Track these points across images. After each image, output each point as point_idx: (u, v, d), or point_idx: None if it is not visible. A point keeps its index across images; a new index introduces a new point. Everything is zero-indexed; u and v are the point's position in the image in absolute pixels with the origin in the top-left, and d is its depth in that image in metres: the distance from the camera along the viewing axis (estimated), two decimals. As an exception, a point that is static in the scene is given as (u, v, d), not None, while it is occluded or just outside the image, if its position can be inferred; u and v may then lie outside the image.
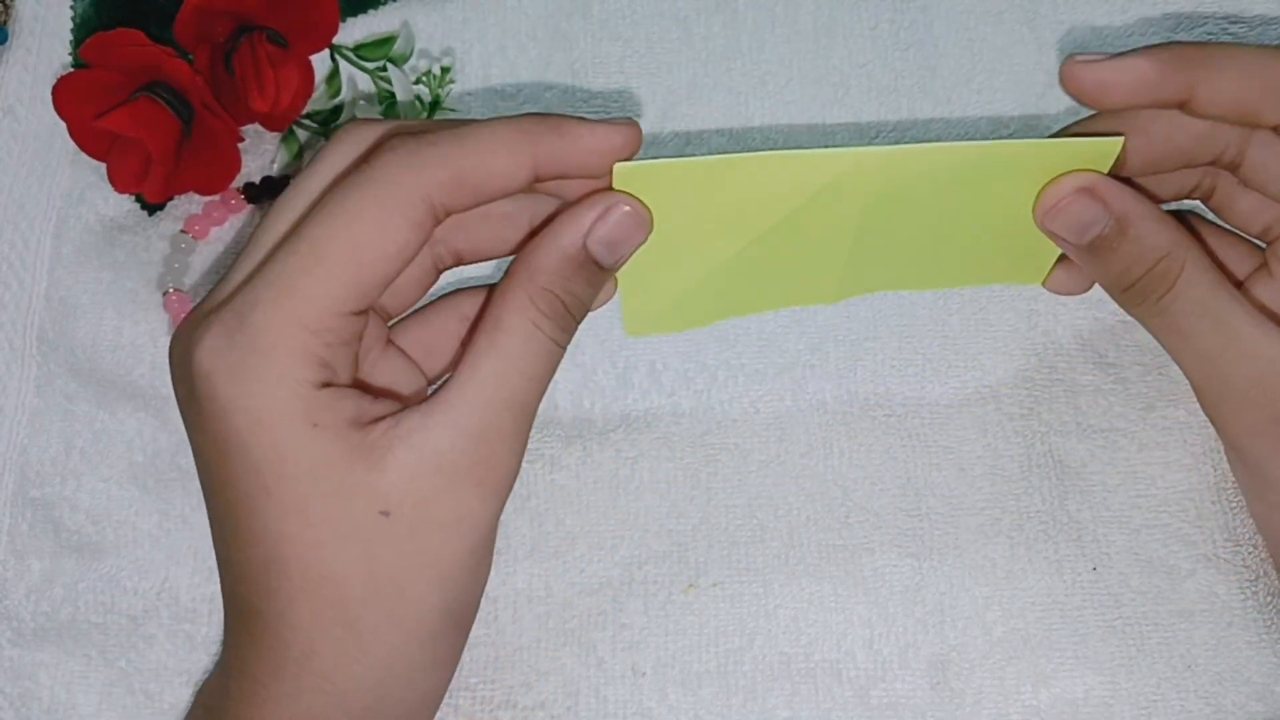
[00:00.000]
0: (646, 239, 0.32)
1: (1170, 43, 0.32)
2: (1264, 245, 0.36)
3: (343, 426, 0.29)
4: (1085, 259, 0.33)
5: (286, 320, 0.29)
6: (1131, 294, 0.33)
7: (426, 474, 0.30)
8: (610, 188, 0.31)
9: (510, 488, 0.31)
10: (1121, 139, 0.32)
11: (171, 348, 0.32)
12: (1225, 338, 0.32)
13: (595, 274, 0.31)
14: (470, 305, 0.35)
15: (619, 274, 0.33)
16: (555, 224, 0.31)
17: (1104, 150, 0.32)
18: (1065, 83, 0.32)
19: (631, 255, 0.32)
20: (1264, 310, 0.35)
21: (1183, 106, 0.32)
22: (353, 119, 0.31)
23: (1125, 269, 0.33)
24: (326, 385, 0.29)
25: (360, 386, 0.31)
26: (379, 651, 0.31)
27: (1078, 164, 0.32)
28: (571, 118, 0.30)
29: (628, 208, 0.31)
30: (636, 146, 0.31)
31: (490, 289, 0.34)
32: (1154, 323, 0.33)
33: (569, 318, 0.31)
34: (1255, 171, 0.34)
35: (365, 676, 0.31)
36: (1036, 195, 0.33)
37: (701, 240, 0.33)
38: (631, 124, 0.31)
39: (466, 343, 0.32)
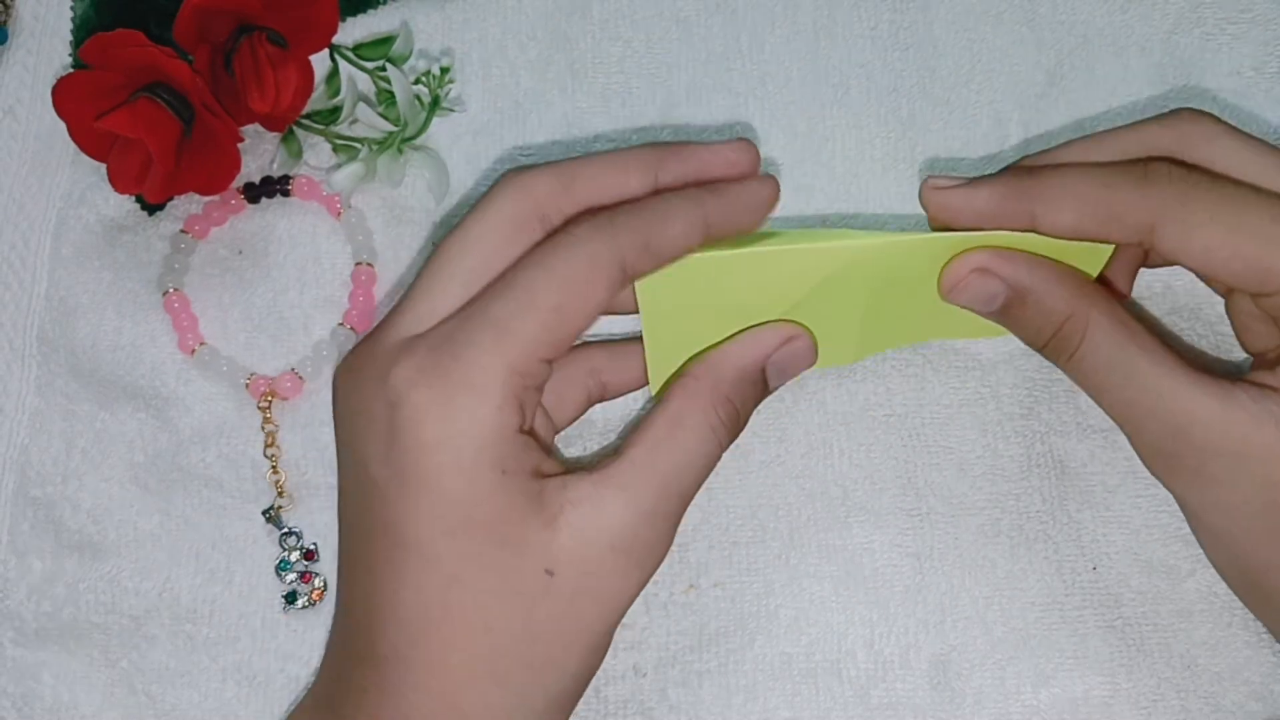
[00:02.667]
0: (809, 367, 0.35)
1: (1013, 169, 0.34)
2: None
3: (526, 476, 0.31)
4: (1000, 321, 0.35)
5: (500, 361, 0.30)
6: (1047, 351, 0.34)
7: (596, 544, 0.31)
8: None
9: (655, 572, 0.33)
10: (1111, 247, 0.34)
11: (349, 373, 0.32)
12: (1135, 391, 0.33)
13: (762, 392, 0.35)
14: (600, 359, 0.37)
15: (647, 350, 0.35)
16: (739, 342, 0.34)
17: (1095, 252, 0.34)
18: (922, 201, 0.34)
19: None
20: (1244, 322, 0.36)
21: (1032, 229, 0.33)
22: (515, 169, 0.33)
23: (1035, 331, 0.34)
24: (519, 431, 0.31)
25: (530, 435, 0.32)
26: (521, 712, 0.31)
27: (1068, 258, 0.34)
28: (734, 187, 0.33)
29: (806, 340, 0.35)
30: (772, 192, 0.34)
31: (611, 343, 0.38)
32: (1073, 376, 0.35)
33: (736, 427, 0.34)
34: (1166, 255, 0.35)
35: None
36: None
37: (722, 324, 0.35)
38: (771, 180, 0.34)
39: (594, 398, 0.37)
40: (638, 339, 0.35)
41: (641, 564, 0.32)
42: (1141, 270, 0.38)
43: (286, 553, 0.40)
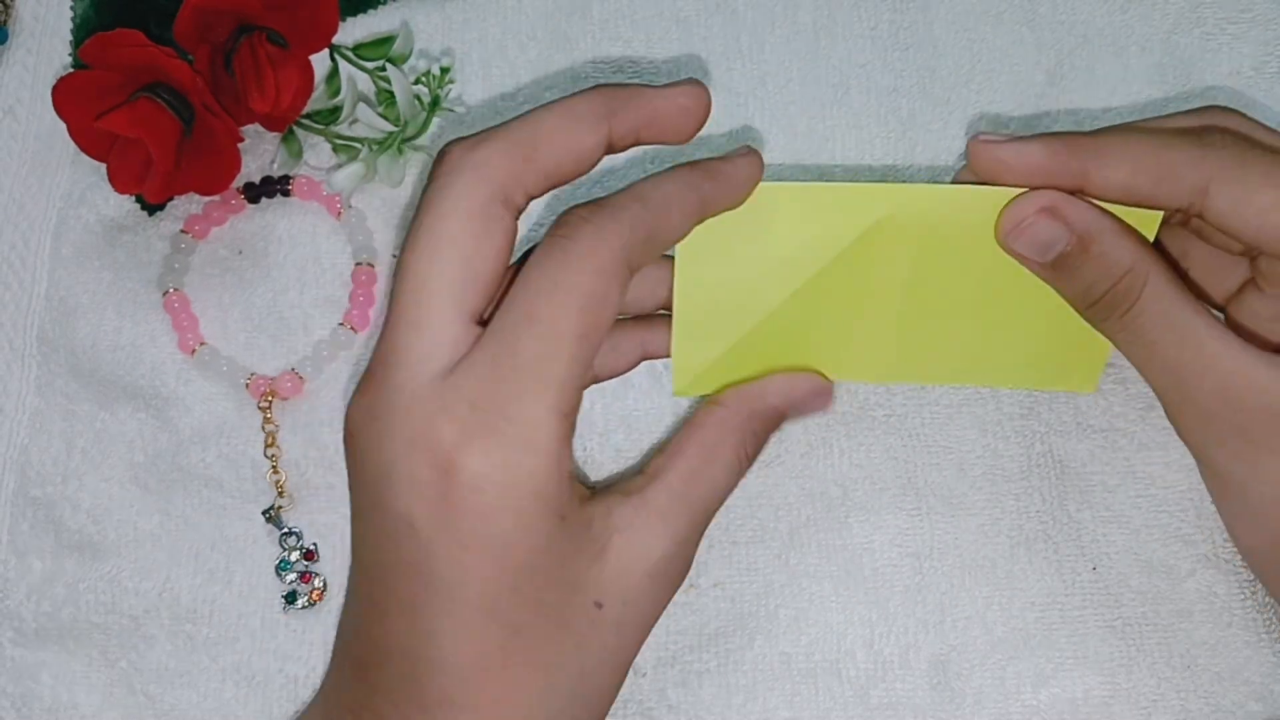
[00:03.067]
0: (822, 410, 0.37)
1: (1068, 133, 0.33)
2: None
3: (577, 516, 0.31)
4: (1050, 276, 0.34)
5: (550, 411, 0.29)
6: (1097, 309, 0.34)
7: (637, 573, 0.31)
8: None
9: None
10: (1159, 216, 0.33)
11: (371, 423, 0.30)
12: (1189, 351, 0.33)
13: (777, 428, 0.36)
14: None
15: (675, 334, 0.35)
16: (772, 382, 0.36)
17: (1143, 221, 0.33)
18: (969, 158, 0.33)
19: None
20: (1251, 325, 0.36)
21: (1080, 191, 0.33)
22: (448, 144, 0.31)
23: (1089, 285, 0.33)
24: (570, 474, 0.30)
25: None
26: None
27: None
28: (724, 167, 0.33)
29: (828, 389, 0.36)
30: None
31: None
32: (1120, 337, 0.34)
33: (753, 460, 0.35)
34: (1211, 229, 0.34)
35: None
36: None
37: (752, 289, 0.35)
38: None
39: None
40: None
41: (671, 587, 0.33)
42: None
43: (286, 553, 0.40)
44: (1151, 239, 0.33)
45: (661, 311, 0.36)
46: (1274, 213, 0.32)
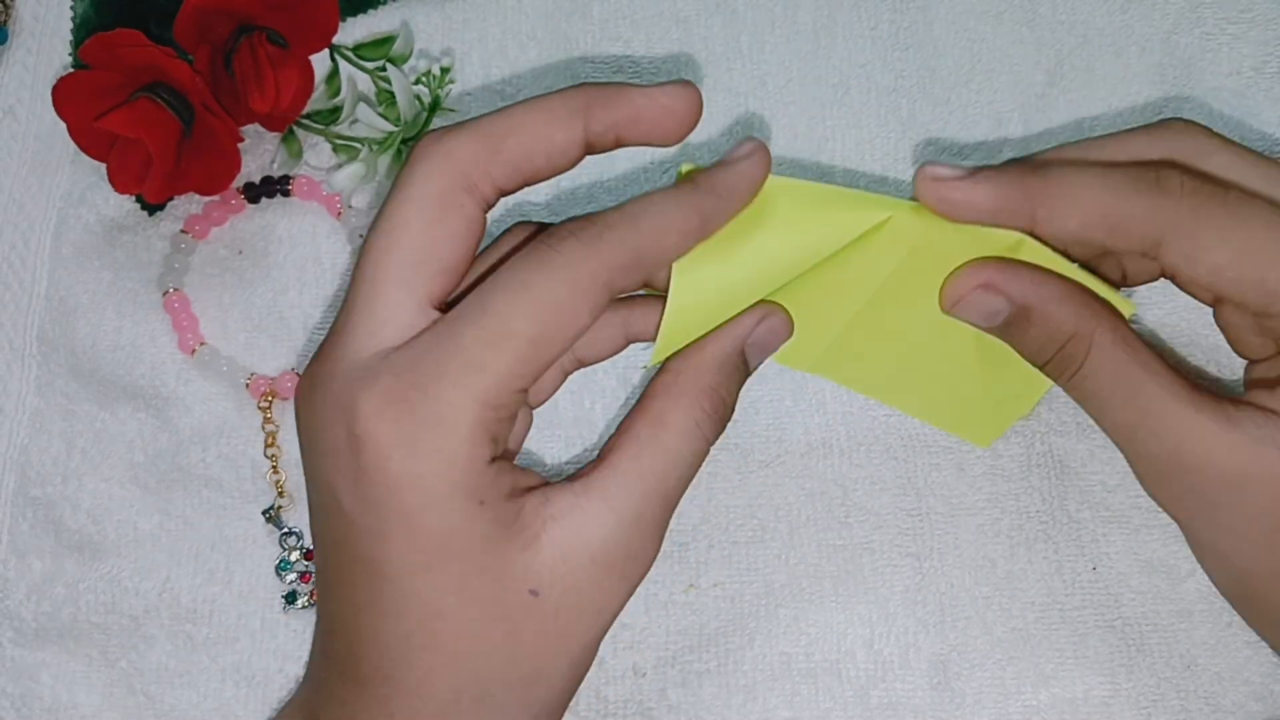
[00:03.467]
0: (785, 343, 0.34)
1: (1018, 164, 0.32)
2: None
3: (502, 503, 0.30)
4: (1000, 336, 0.34)
5: (472, 397, 0.28)
6: (1047, 370, 0.33)
7: (579, 559, 0.30)
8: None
9: (640, 583, 0.32)
10: (1133, 308, 0.33)
11: (309, 394, 0.30)
12: (1137, 414, 0.32)
13: (744, 375, 0.33)
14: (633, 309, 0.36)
15: (670, 298, 0.33)
16: (713, 334, 0.32)
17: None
18: (916, 190, 0.32)
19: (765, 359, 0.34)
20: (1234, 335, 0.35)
21: (1030, 233, 0.32)
22: (432, 131, 0.31)
23: (1036, 349, 0.33)
24: (493, 460, 0.29)
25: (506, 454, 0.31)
26: None
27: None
28: (726, 179, 0.31)
29: (781, 315, 0.33)
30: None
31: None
32: (1073, 395, 0.33)
33: (723, 417, 0.32)
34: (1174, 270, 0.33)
35: None
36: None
37: (742, 276, 0.34)
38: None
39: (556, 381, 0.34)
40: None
41: (625, 574, 0.31)
42: None
43: (286, 553, 0.40)
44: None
45: (644, 292, 0.34)
46: (1227, 270, 0.31)
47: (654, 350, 0.34)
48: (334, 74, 0.44)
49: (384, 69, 0.44)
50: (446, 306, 0.30)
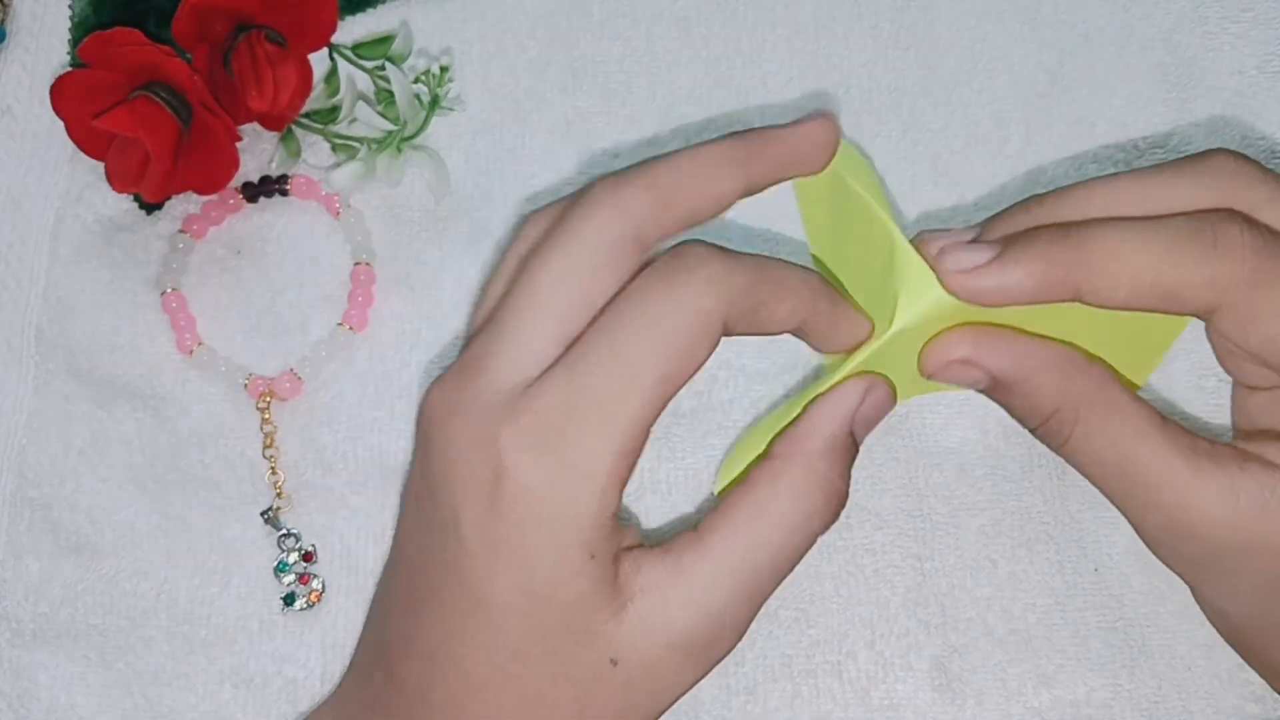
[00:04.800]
0: (891, 409, 0.32)
1: (1050, 231, 0.30)
2: None
3: (607, 561, 0.29)
4: (990, 398, 0.33)
5: (608, 445, 0.28)
6: (1037, 436, 0.32)
7: (658, 640, 0.30)
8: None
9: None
10: (1187, 320, 0.31)
11: (448, 416, 0.30)
12: (1130, 484, 0.30)
13: (854, 456, 0.32)
14: None
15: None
16: (819, 410, 0.31)
17: (1172, 322, 0.31)
18: (941, 281, 0.30)
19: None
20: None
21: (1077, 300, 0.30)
22: (601, 178, 0.31)
23: (1022, 418, 0.32)
24: (615, 514, 0.29)
25: None
26: None
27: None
28: (844, 303, 0.31)
29: (885, 386, 0.32)
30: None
31: None
32: (1068, 462, 0.32)
33: (836, 509, 0.31)
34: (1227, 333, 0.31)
35: None
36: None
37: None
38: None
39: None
40: None
41: (700, 662, 0.30)
42: None
43: (285, 554, 0.40)
44: (1174, 338, 0.32)
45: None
46: None
47: (717, 480, 0.33)
48: (333, 73, 0.44)
49: (383, 68, 0.44)
50: None
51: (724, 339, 0.30)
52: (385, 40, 0.44)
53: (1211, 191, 0.30)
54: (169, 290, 0.42)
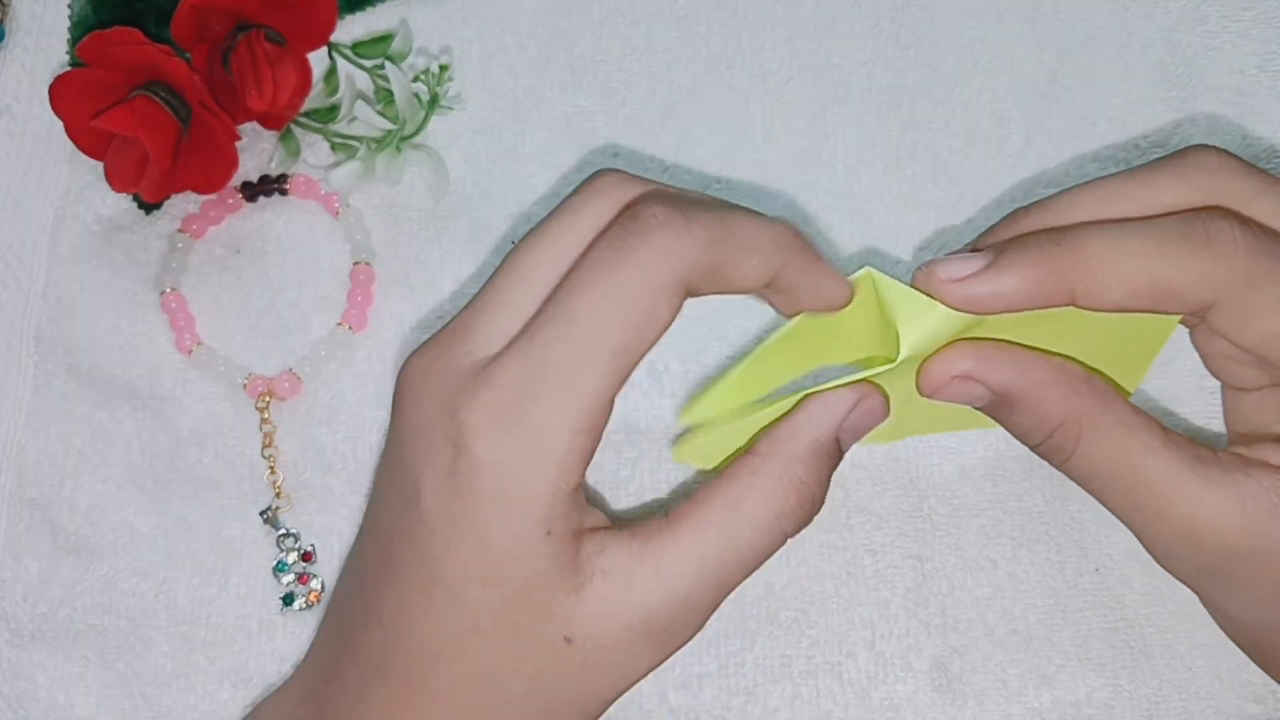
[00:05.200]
0: (883, 419, 0.32)
1: (1041, 236, 0.30)
2: None
3: (566, 539, 0.29)
4: (989, 415, 0.32)
5: (566, 421, 0.29)
6: (1040, 453, 0.32)
7: (617, 621, 0.30)
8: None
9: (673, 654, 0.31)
10: (1176, 319, 0.31)
11: (417, 383, 0.30)
12: (1138, 496, 0.30)
13: (835, 463, 0.32)
14: None
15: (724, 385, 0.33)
16: (806, 412, 0.31)
17: (1162, 324, 0.31)
18: (935, 294, 0.30)
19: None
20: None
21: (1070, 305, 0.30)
22: (608, 170, 0.31)
23: (1024, 434, 0.32)
24: (574, 489, 0.29)
25: None
26: None
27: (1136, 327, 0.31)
28: (818, 256, 0.30)
29: (878, 396, 0.32)
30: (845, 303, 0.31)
31: None
32: (1073, 479, 0.32)
33: (810, 510, 0.31)
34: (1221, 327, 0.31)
35: None
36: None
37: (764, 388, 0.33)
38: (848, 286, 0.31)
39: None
40: None
41: (660, 646, 0.30)
42: None
43: (284, 554, 0.40)
44: (1164, 339, 0.32)
45: None
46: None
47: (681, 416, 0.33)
48: (332, 72, 0.44)
49: (382, 67, 0.44)
50: None
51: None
52: (384, 39, 0.44)
53: (1197, 189, 0.30)
54: (168, 290, 0.42)
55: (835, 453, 0.32)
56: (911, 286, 0.30)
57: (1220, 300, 0.29)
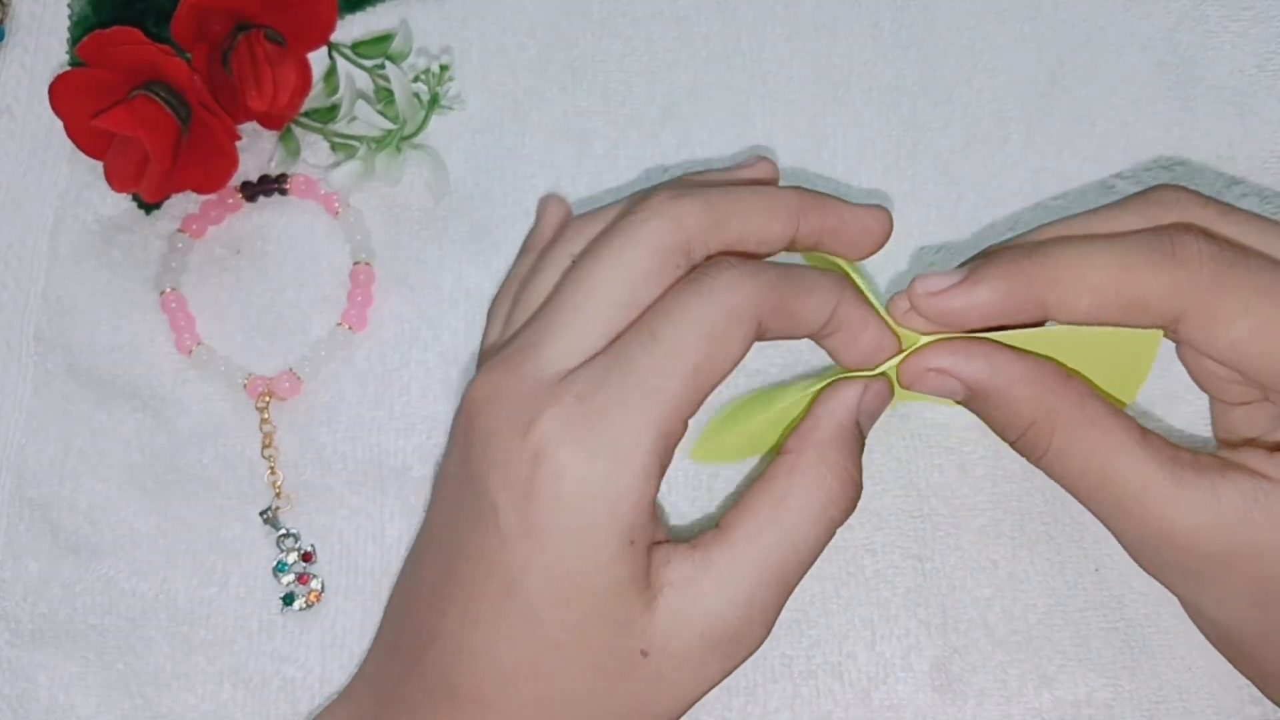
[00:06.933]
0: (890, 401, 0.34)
1: (1013, 250, 0.31)
2: None
3: (645, 550, 0.30)
4: (969, 409, 0.33)
5: (649, 422, 0.29)
6: (1016, 448, 0.33)
7: (689, 632, 0.30)
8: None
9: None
10: (1158, 334, 0.31)
11: (490, 403, 0.31)
12: (1112, 494, 0.31)
13: (862, 445, 0.33)
14: None
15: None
16: (824, 405, 0.32)
17: (1146, 339, 0.32)
18: (917, 308, 0.32)
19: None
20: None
21: (1044, 320, 0.31)
22: (662, 187, 0.32)
23: (1000, 429, 0.33)
24: (654, 501, 0.30)
25: None
26: None
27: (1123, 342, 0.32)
28: (869, 304, 0.33)
29: (884, 380, 0.33)
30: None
31: None
32: (1051, 475, 0.32)
33: (853, 496, 0.32)
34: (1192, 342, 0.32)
35: None
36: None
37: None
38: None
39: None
40: None
41: (729, 654, 0.31)
42: None
43: (284, 554, 0.40)
44: (1152, 356, 0.32)
45: None
46: (1250, 345, 0.30)
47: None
48: (332, 72, 0.44)
49: (382, 67, 0.44)
50: None
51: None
52: (385, 39, 0.44)
53: (1159, 221, 0.31)
54: (168, 290, 0.42)
55: (859, 435, 0.33)
56: (886, 310, 0.33)
57: (1188, 310, 0.30)
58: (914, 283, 0.32)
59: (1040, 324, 0.32)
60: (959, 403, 0.33)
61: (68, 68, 0.46)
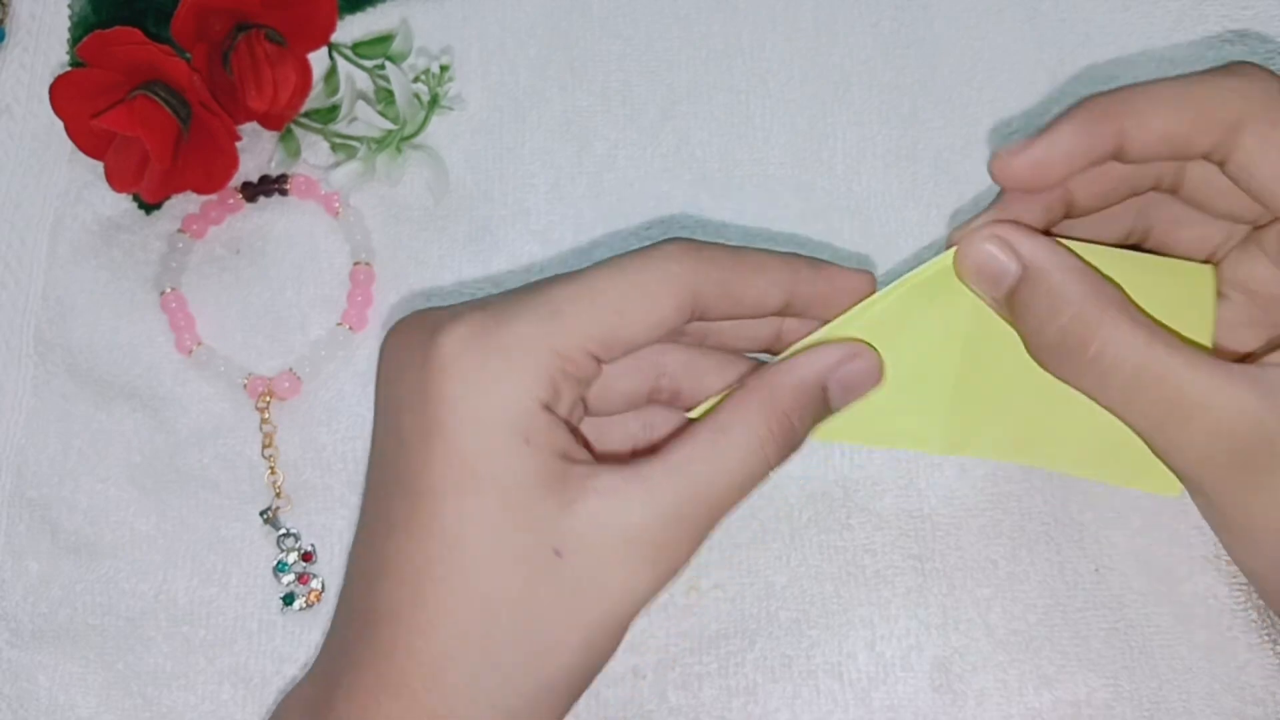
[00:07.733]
0: (875, 388, 0.34)
1: (1085, 100, 0.32)
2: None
3: (549, 453, 0.30)
4: (1008, 317, 0.33)
5: (542, 336, 0.30)
6: (1058, 354, 0.32)
7: (610, 534, 0.30)
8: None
9: (672, 581, 0.31)
10: (1210, 269, 0.32)
11: (400, 331, 0.32)
12: (1169, 392, 0.30)
13: (822, 411, 0.33)
14: (674, 360, 0.35)
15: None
16: (801, 356, 0.33)
17: (1200, 276, 0.33)
18: (998, 177, 0.32)
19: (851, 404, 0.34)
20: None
21: (1116, 156, 0.32)
22: (682, 239, 0.33)
23: (1041, 324, 0.32)
24: (548, 409, 0.30)
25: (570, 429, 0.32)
26: (506, 692, 0.30)
27: (1176, 284, 0.33)
28: (826, 263, 0.34)
29: (871, 358, 0.33)
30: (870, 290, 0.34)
31: (693, 349, 0.36)
32: (1090, 386, 0.32)
33: (789, 444, 0.32)
34: (1195, 191, 0.34)
35: (483, 717, 0.30)
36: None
37: None
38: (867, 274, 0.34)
39: (657, 396, 0.34)
40: (724, 352, 0.35)
41: (654, 563, 0.30)
42: None
43: (284, 554, 0.40)
44: (1212, 293, 0.33)
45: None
46: None
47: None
48: (332, 72, 0.44)
49: (383, 67, 0.44)
50: None
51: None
52: (385, 39, 0.44)
53: (1237, 111, 0.32)
54: (168, 290, 0.42)
55: (820, 399, 0.33)
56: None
57: (1245, 118, 0.31)
58: (994, 157, 0.32)
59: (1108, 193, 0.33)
60: (993, 303, 0.33)
61: (68, 68, 0.46)
